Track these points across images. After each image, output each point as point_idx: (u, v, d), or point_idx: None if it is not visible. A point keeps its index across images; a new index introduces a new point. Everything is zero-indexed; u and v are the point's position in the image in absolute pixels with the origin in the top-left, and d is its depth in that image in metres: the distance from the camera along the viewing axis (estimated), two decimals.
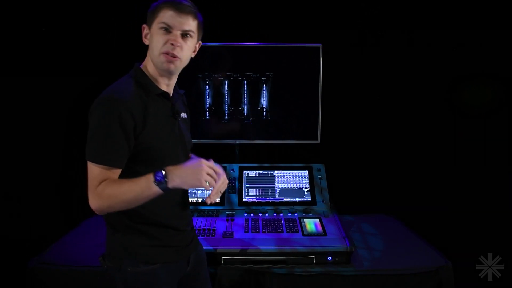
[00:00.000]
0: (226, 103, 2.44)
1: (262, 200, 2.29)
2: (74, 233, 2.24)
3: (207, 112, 2.44)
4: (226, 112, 2.45)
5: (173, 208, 1.46)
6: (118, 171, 1.30)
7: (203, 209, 2.24)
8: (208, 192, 2.28)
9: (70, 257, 1.91)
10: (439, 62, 2.76)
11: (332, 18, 2.74)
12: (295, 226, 2.06)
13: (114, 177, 1.29)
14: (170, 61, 1.35)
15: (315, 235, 1.97)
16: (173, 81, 1.46)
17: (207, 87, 2.42)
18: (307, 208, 2.24)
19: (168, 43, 1.33)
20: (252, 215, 2.19)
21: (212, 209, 2.23)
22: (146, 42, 1.40)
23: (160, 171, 1.24)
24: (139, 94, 1.34)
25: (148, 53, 1.40)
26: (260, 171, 2.41)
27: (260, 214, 2.20)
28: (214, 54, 2.38)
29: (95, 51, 2.67)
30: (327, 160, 2.49)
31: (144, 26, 1.41)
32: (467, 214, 2.70)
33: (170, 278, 1.46)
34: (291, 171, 2.40)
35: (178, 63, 1.37)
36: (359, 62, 2.79)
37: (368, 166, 2.86)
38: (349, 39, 2.76)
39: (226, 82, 2.42)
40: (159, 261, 1.41)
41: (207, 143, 2.46)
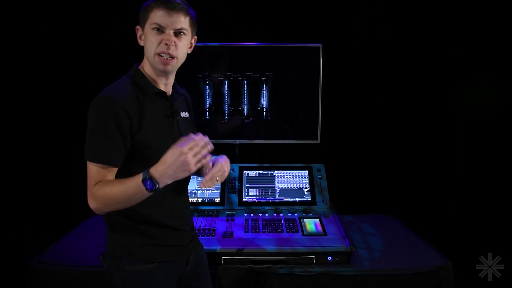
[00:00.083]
0: (226, 103, 2.44)
1: (262, 200, 2.29)
2: (74, 233, 2.24)
3: (207, 112, 2.44)
4: (226, 112, 2.45)
5: (171, 207, 1.45)
6: (114, 169, 1.30)
7: (203, 209, 2.23)
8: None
9: (70, 257, 1.91)
10: (439, 62, 2.76)
11: (332, 18, 2.74)
12: (295, 226, 2.05)
13: (110, 176, 1.29)
14: (165, 63, 1.35)
15: (315, 235, 1.97)
16: (170, 80, 1.46)
17: (207, 87, 2.42)
18: (307, 208, 2.24)
19: (162, 44, 1.33)
20: (252, 215, 2.19)
21: (212, 209, 2.23)
22: (141, 43, 1.41)
23: (147, 178, 1.19)
24: (136, 94, 1.34)
25: (144, 53, 1.41)
26: (260, 171, 2.41)
27: (260, 214, 2.19)
28: (214, 54, 2.38)
29: (95, 51, 2.67)
30: (327, 160, 2.49)
31: (138, 27, 1.41)
32: (467, 214, 2.70)
33: (169, 278, 1.45)
34: (291, 171, 2.40)
35: (174, 62, 1.37)
36: (359, 62, 2.80)
37: (368, 166, 2.86)
38: (349, 39, 2.76)
39: (226, 82, 2.42)
40: (157, 260, 1.41)
41: None
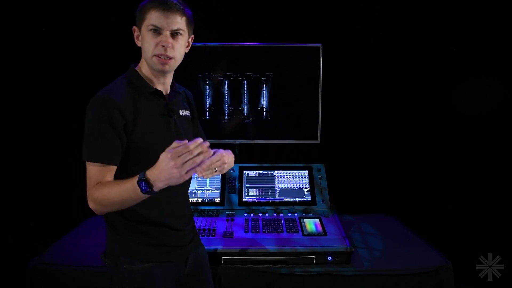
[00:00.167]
0: (226, 103, 2.44)
1: (262, 200, 2.29)
2: (74, 233, 2.24)
3: (207, 112, 2.44)
4: (226, 112, 2.45)
5: (169, 206, 1.45)
6: (113, 168, 1.30)
7: (203, 209, 2.23)
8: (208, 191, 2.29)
9: (70, 257, 1.91)
10: (439, 62, 2.76)
11: (332, 18, 2.74)
12: (295, 226, 2.05)
13: (109, 176, 1.29)
14: (163, 63, 1.36)
15: (315, 235, 1.97)
16: (168, 79, 1.46)
17: (207, 87, 2.42)
18: (307, 208, 2.24)
19: (159, 46, 1.33)
20: (252, 215, 2.19)
21: (212, 209, 2.23)
22: (139, 44, 1.41)
23: (142, 180, 1.18)
24: (131, 94, 1.35)
25: (142, 54, 1.41)
26: (260, 171, 2.41)
27: (260, 214, 2.19)
28: (214, 54, 2.38)
29: (95, 51, 2.67)
30: (327, 160, 2.49)
31: (135, 28, 1.41)
32: (467, 214, 2.70)
33: (167, 277, 1.45)
34: (291, 171, 2.40)
35: (172, 62, 1.38)
36: (359, 62, 2.80)
37: (368, 166, 2.86)
38: (349, 39, 2.76)
39: (226, 82, 2.41)
40: (154, 259, 1.41)
41: None
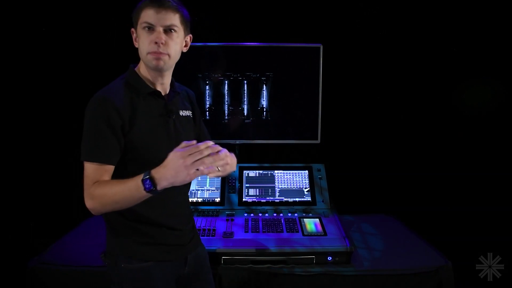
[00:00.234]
0: (226, 103, 2.44)
1: (262, 200, 2.29)
2: (74, 233, 2.24)
3: (207, 112, 2.44)
4: (226, 112, 2.45)
5: (168, 206, 1.45)
6: (110, 168, 1.30)
7: (203, 209, 2.24)
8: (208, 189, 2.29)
9: (70, 257, 1.91)
10: (439, 62, 2.76)
11: (332, 18, 2.74)
12: (295, 226, 2.05)
13: (107, 175, 1.29)
14: (157, 58, 1.36)
15: (315, 235, 1.97)
16: (167, 79, 1.46)
17: (207, 87, 2.42)
18: (307, 208, 2.24)
19: (152, 43, 1.34)
20: (252, 215, 2.19)
21: (212, 209, 2.23)
22: (136, 45, 1.42)
23: (147, 178, 1.19)
24: (129, 94, 1.36)
25: (139, 54, 1.42)
26: (260, 171, 2.41)
27: (260, 214, 2.19)
28: (214, 54, 2.37)
29: (95, 52, 2.67)
30: (327, 160, 2.48)
31: (132, 30, 1.43)
32: (467, 214, 2.70)
33: (165, 277, 1.45)
34: (291, 171, 2.40)
35: (166, 59, 1.38)
36: (359, 62, 2.79)
37: (368, 166, 2.86)
38: (349, 39, 2.76)
39: (226, 82, 2.41)
40: (152, 259, 1.41)
41: None
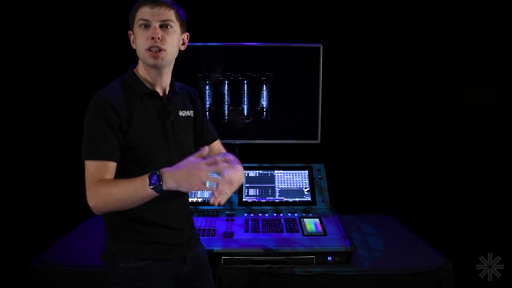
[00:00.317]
0: (226, 103, 2.44)
1: (262, 200, 2.29)
2: (74, 233, 2.24)
3: (207, 112, 2.43)
4: (226, 112, 2.45)
5: (166, 205, 1.44)
6: (113, 165, 1.30)
7: (203, 209, 2.23)
8: (209, 192, 2.29)
9: (70, 257, 1.91)
10: (439, 62, 2.76)
11: (332, 18, 2.74)
12: (295, 226, 2.05)
13: (109, 174, 1.29)
14: (155, 56, 1.36)
15: (315, 235, 1.97)
16: (165, 79, 1.46)
17: (207, 87, 2.42)
18: (307, 208, 2.24)
19: (149, 39, 1.35)
20: (252, 215, 2.19)
21: (212, 209, 2.23)
22: (134, 46, 1.43)
23: (155, 173, 1.20)
24: (126, 95, 1.37)
25: (137, 54, 1.42)
26: (260, 171, 2.41)
27: (260, 214, 2.19)
28: (214, 54, 2.38)
29: (95, 52, 2.67)
30: (327, 160, 2.49)
31: (130, 32, 1.44)
32: (467, 214, 2.70)
33: (163, 276, 1.45)
34: (291, 171, 2.40)
35: (164, 55, 1.37)
36: (359, 62, 2.79)
37: (368, 166, 2.86)
38: (349, 39, 2.76)
39: (226, 82, 2.41)
40: (150, 257, 1.41)
41: None
